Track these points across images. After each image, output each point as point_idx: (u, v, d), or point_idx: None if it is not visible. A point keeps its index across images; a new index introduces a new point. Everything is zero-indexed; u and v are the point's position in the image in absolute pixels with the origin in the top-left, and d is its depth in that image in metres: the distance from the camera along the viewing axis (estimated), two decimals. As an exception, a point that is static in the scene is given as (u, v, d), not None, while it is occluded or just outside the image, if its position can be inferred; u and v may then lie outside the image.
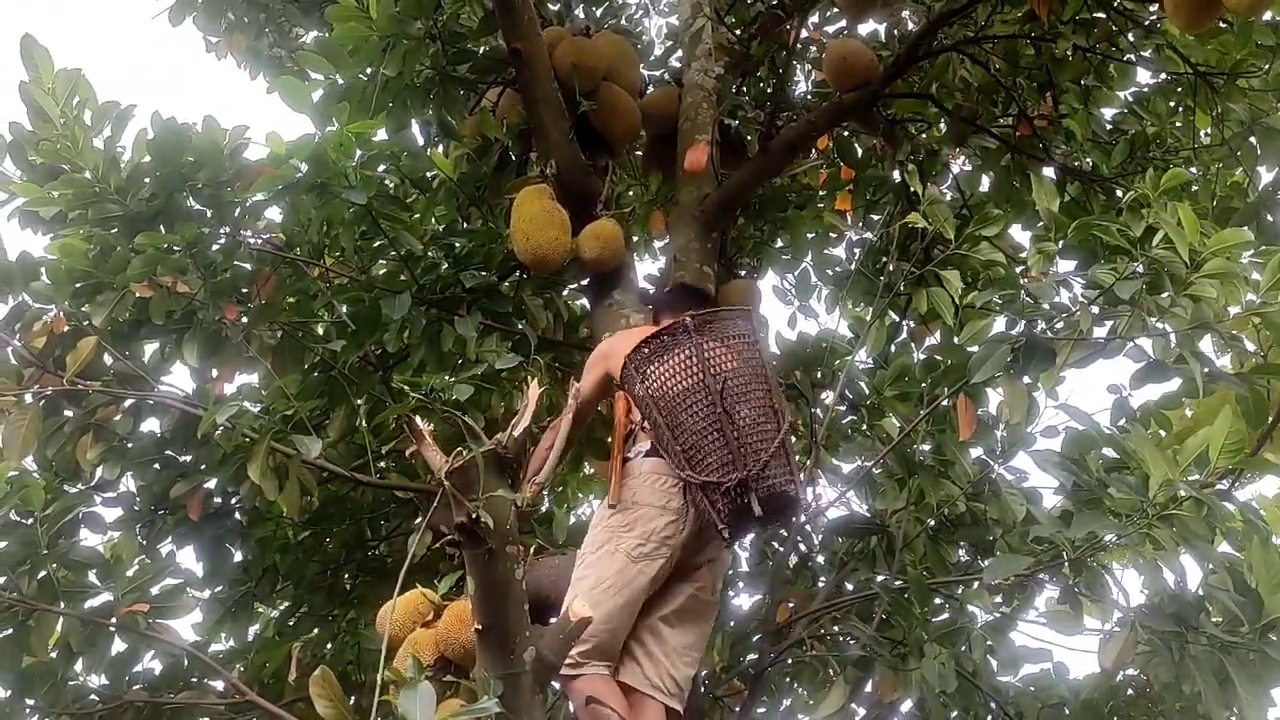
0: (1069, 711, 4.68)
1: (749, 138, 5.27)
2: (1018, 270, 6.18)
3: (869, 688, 4.42)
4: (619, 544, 3.30)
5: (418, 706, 2.31)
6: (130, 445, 4.11)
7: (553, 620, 3.11)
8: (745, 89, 5.73)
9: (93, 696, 3.91)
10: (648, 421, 3.34)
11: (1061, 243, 4.03)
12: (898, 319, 5.98)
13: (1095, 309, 3.51)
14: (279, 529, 4.63)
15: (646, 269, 5.68)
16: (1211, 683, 3.19)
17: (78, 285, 3.92)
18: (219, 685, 4.23)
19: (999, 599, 4.80)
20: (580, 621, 2.79)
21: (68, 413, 4.01)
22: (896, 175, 6.07)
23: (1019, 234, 6.32)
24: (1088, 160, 5.70)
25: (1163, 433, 5.15)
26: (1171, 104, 5.61)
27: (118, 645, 3.84)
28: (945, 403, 4.58)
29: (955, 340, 4.90)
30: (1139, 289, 3.34)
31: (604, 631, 3.24)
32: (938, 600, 4.68)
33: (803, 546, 5.65)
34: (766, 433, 3.17)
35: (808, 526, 5.81)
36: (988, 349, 3.65)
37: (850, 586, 4.94)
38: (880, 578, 4.92)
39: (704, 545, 3.43)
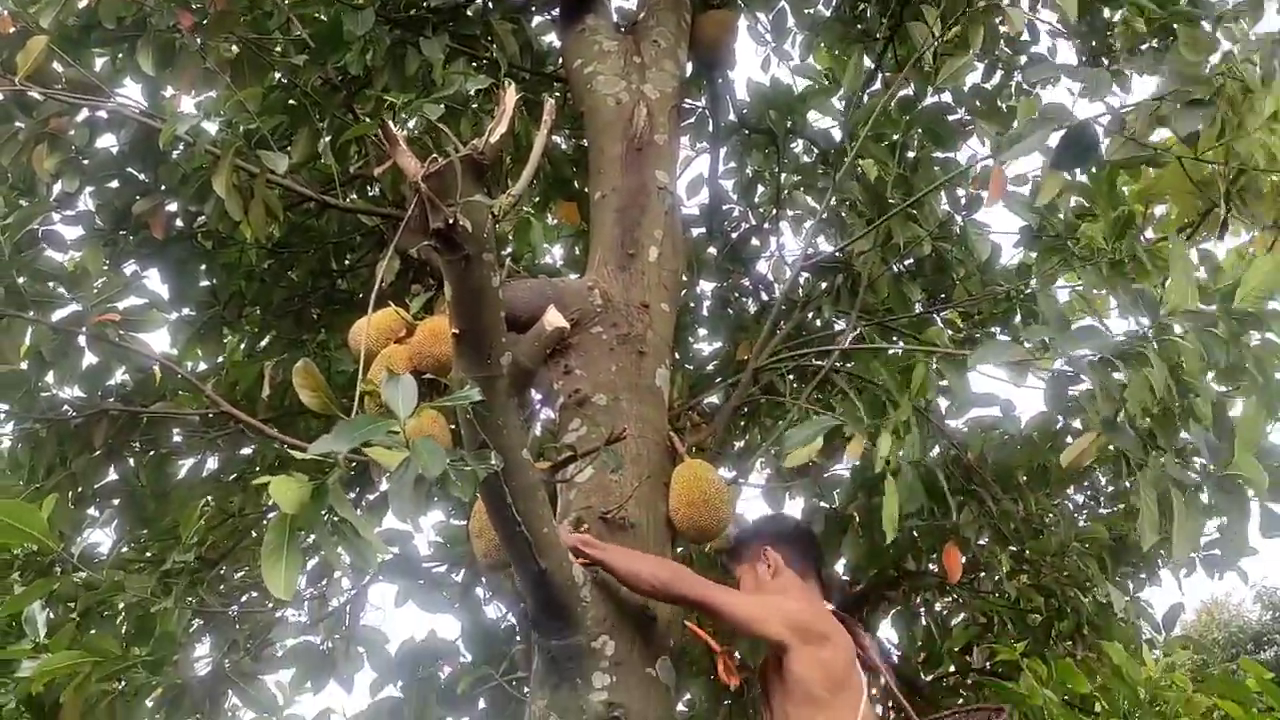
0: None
1: None
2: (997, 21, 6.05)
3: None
4: None
5: (400, 396, 2.37)
6: (87, 161, 3.99)
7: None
8: None
9: (66, 407, 3.97)
10: None
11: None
12: (873, 66, 5.85)
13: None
14: (243, 254, 4.59)
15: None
16: (1151, 506, 2.93)
17: (20, -19, 3.69)
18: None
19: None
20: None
21: (19, 124, 3.86)
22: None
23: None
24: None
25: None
26: None
27: (89, 359, 3.86)
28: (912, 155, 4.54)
29: (930, 84, 4.82)
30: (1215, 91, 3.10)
31: None
32: (894, 347, 4.81)
33: (764, 295, 5.74)
34: None
35: (770, 275, 5.88)
36: (1030, 126, 3.19)
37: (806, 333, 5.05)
38: (840, 322, 5.04)
39: None
